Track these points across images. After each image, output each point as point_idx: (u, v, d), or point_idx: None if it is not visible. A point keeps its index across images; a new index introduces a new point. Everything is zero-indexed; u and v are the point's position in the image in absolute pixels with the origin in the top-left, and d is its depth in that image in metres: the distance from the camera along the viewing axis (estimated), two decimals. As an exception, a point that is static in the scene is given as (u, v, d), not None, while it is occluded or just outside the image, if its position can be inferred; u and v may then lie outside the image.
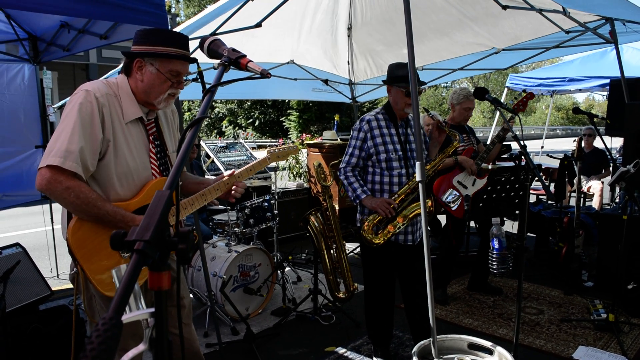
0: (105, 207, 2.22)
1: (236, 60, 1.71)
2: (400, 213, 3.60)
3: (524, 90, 4.71)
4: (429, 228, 3.80)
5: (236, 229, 5.20)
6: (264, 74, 1.71)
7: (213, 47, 1.79)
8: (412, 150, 3.74)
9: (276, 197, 5.76)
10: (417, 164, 2.86)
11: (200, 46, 1.83)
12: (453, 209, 4.85)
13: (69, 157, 2.14)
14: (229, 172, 2.81)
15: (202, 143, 6.79)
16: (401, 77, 3.62)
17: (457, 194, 4.88)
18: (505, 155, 7.01)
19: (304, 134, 16.06)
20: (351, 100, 9.68)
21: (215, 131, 33.41)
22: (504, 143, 5.90)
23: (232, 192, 2.75)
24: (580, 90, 11.98)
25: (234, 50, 1.74)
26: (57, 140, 2.17)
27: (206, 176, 6.55)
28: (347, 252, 6.35)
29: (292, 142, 15.47)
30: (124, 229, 2.22)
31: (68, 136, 2.16)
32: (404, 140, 3.73)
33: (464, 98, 5.05)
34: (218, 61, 1.73)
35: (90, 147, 2.21)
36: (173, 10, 43.31)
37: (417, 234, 3.76)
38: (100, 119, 2.25)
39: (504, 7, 5.03)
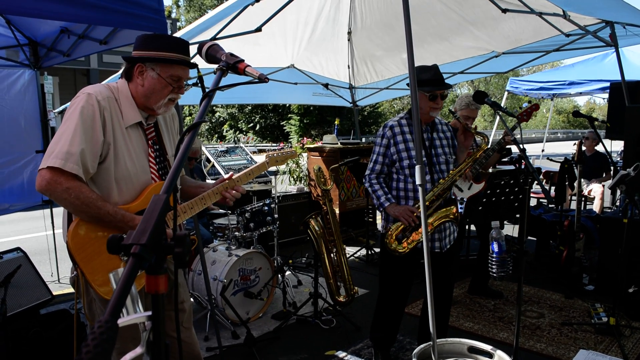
0: (105, 207, 2.23)
1: (234, 64, 1.72)
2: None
3: (529, 101, 4.69)
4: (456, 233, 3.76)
5: (236, 233, 5.20)
6: (262, 79, 1.72)
7: (211, 52, 1.80)
8: (438, 155, 3.64)
9: (276, 201, 5.76)
10: (417, 167, 2.83)
11: (199, 51, 1.83)
12: None
13: (70, 159, 2.15)
14: (227, 175, 2.80)
15: (202, 148, 6.79)
16: (426, 80, 3.52)
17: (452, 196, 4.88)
18: (505, 159, 7.00)
19: (305, 138, 16.05)
20: (352, 104, 9.70)
21: (216, 135, 33.42)
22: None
23: (227, 198, 2.71)
24: (580, 94, 12.00)
25: (232, 55, 1.75)
26: (59, 142, 2.18)
27: (207, 180, 6.56)
28: (348, 255, 6.36)
29: (293, 147, 15.45)
30: (125, 229, 2.25)
31: (69, 138, 2.17)
32: (429, 145, 3.63)
33: (465, 106, 4.87)
34: (217, 66, 1.74)
35: (91, 149, 2.22)
36: (173, 15, 43.44)
37: (445, 241, 3.64)
38: (102, 121, 2.26)
39: (504, 11, 5.04)
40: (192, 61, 2.46)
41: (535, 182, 3.24)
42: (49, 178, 2.14)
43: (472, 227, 6.03)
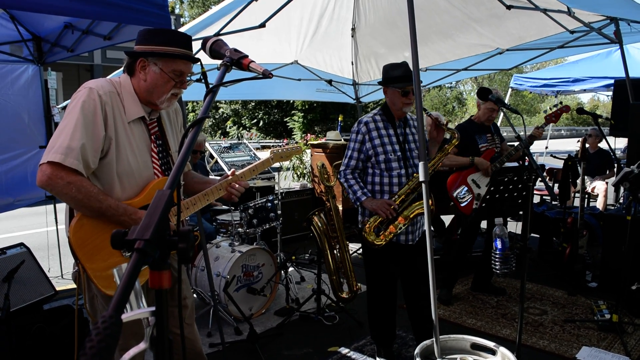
0: (107, 200, 2.22)
1: (238, 60, 1.71)
2: (401, 213, 3.60)
3: (561, 102, 4.69)
4: (432, 228, 3.81)
5: (240, 229, 5.20)
6: (266, 75, 1.71)
7: (215, 47, 1.79)
8: (412, 150, 3.75)
9: (280, 197, 5.77)
10: (420, 164, 2.84)
11: (203, 47, 1.83)
12: (462, 205, 4.87)
13: (70, 154, 2.14)
14: (231, 171, 2.80)
15: (206, 144, 6.79)
16: (396, 77, 3.64)
17: (469, 191, 4.89)
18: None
19: (308, 135, 16.05)
20: (355, 101, 9.68)
21: (220, 132, 33.45)
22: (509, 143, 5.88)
23: (232, 194, 2.71)
24: (585, 91, 11.95)
25: (236, 50, 1.75)
26: (59, 137, 2.18)
27: (210, 176, 6.56)
28: (351, 252, 6.36)
29: (296, 143, 15.46)
30: (127, 223, 2.25)
31: (70, 133, 2.17)
32: (403, 140, 3.74)
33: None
34: (220, 62, 1.74)
35: (92, 144, 2.22)
36: (177, 11, 43.39)
37: (416, 233, 3.76)
38: (103, 116, 2.26)
39: (508, 7, 5.02)
40: (194, 56, 2.45)
41: (539, 179, 3.23)
42: (50, 173, 2.14)
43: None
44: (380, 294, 3.86)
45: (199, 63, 2.34)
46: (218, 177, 2.81)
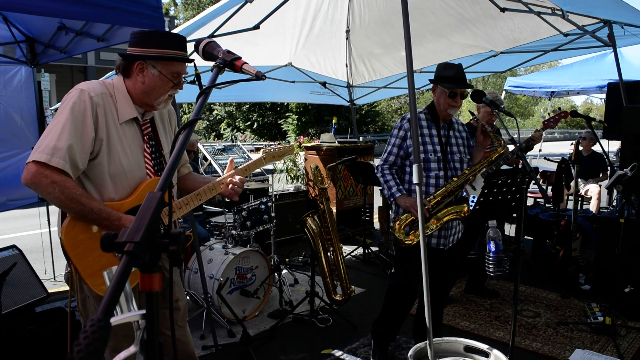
0: (90, 204, 2.21)
1: (231, 62, 1.71)
2: (435, 215, 3.49)
3: (559, 108, 4.69)
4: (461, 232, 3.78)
5: (233, 232, 5.18)
6: (259, 76, 1.71)
7: (208, 49, 1.79)
8: (453, 153, 3.66)
9: (273, 199, 5.76)
10: (415, 166, 2.82)
11: (196, 48, 1.82)
12: None
13: (56, 154, 2.14)
14: (229, 159, 2.82)
15: (199, 145, 6.78)
16: (447, 77, 3.56)
17: (465, 193, 4.86)
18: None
19: (302, 137, 16.04)
20: (349, 103, 9.69)
21: (214, 133, 33.40)
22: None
23: (232, 187, 2.69)
24: (578, 94, 12.01)
25: (229, 52, 1.74)
26: (46, 137, 2.18)
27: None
28: (344, 254, 6.35)
29: (288, 143, 15.47)
30: (110, 228, 2.24)
31: (58, 134, 2.17)
32: (445, 142, 3.65)
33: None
34: (213, 63, 1.73)
35: (80, 145, 2.21)
36: (172, 12, 43.36)
37: (450, 239, 3.65)
38: (94, 118, 2.26)
39: (502, 10, 5.03)
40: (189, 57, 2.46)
41: (533, 181, 3.23)
42: (34, 171, 2.14)
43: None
44: (406, 292, 3.74)
45: (193, 65, 2.34)
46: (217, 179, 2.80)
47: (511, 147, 3.45)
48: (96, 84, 2.35)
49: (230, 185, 2.69)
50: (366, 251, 6.96)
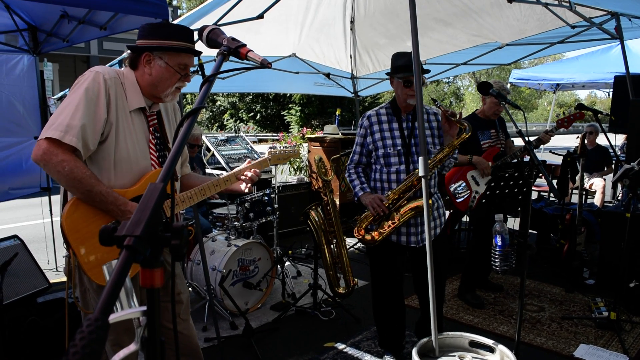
0: (98, 186, 2.19)
1: (236, 49, 1.67)
2: (397, 211, 3.41)
3: (575, 107, 4.66)
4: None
5: (236, 223, 5.15)
6: (264, 64, 1.67)
7: (212, 36, 1.75)
8: (418, 145, 3.48)
9: (276, 191, 5.72)
10: (420, 159, 2.76)
11: (200, 35, 1.78)
12: (458, 200, 4.78)
13: (70, 131, 2.13)
14: (247, 161, 2.85)
15: (203, 137, 6.74)
16: (400, 67, 3.42)
17: (467, 187, 4.81)
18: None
19: (305, 128, 15.99)
20: (353, 95, 9.64)
21: (217, 124, 33.37)
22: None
23: (245, 179, 2.73)
24: (583, 87, 11.95)
25: (233, 39, 1.70)
26: (60, 115, 2.17)
27: (206, 170, 6.52)
28: (348, 247, 6.32)
29: (293, 137, 15.41)
30: (115, 213, 2.22)
31: (72, 112, 2.16)
32: (408, 134, 3.52)
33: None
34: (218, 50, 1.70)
35: (93, 125, 2.20)
36: (175, 2, 43.23)
37: (421, 236, 3.50)
38: (107, 100, 2.26)
39: (510, 1, 4.97)
40: (196, 49, 2.45)
41: (540, 174, 3.19)
42: (46, 148, 2.12)
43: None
44: (382, 292, 3.72)
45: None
46: (216, 172, 2.79)
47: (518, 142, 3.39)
48: (109, 69, 2.36)
49: (243, 177, 2.72)
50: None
